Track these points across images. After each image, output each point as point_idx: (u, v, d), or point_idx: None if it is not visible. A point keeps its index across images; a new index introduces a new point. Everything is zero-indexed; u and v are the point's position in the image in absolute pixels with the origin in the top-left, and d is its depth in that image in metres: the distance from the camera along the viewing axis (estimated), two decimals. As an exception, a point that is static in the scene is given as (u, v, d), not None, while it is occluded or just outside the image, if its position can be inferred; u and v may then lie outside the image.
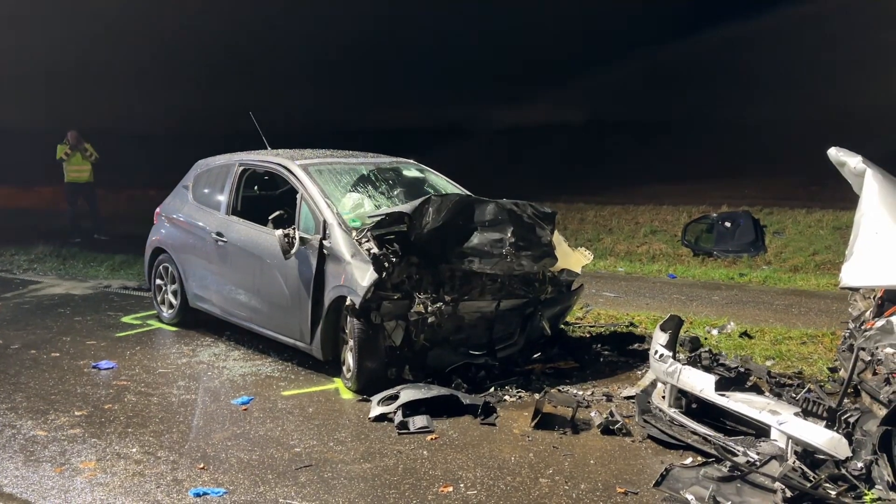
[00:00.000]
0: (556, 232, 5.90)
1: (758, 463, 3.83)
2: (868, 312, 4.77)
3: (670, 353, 4.76)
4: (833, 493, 3.52)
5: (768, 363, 5.79)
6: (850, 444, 3.76)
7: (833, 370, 5.49)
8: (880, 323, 4.15)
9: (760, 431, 4.13)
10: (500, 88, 24.59)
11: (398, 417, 4.68)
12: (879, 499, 3.45)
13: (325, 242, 5.45)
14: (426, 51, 24.78)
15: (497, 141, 21.68)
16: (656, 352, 4.81)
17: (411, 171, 6.69)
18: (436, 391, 4.91)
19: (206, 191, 7.05)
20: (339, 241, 5.38)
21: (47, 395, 5.32)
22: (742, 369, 4.87)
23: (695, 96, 22.32)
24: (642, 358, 5.94)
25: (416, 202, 5.31)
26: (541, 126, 22.94)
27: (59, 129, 13.56)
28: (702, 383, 4.42)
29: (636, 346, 6.27)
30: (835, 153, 4.76)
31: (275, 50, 25.58)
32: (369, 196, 5.99)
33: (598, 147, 20.03)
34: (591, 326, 7.00)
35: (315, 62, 26.21)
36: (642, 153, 18.95)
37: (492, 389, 5.22)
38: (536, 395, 5.01)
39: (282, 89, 25.29)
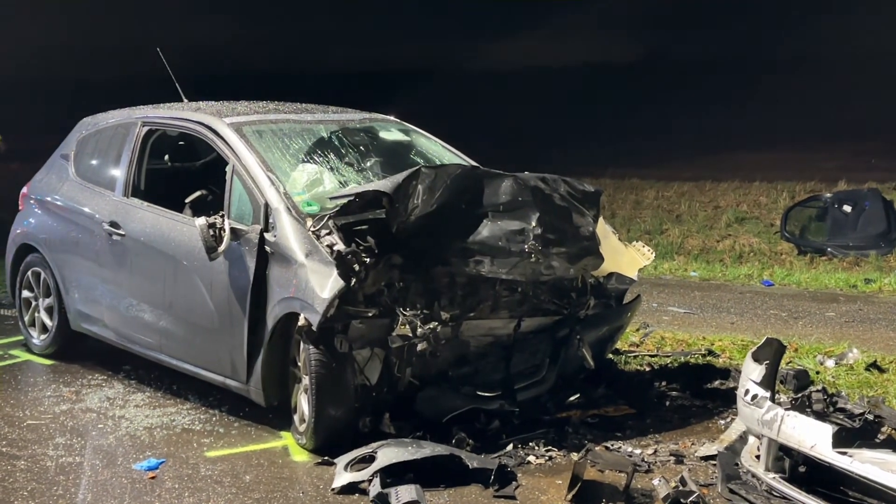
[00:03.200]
0: (601, 219, 5.91)
1: (895, 551, 3.85)
2: None
3: (767, 394, 4.77)
4: None
5: (908, 407, 5.81)
6: None
7: None
8: None
9: (898, 505, 4.14)
10: (502, 10, 24.30)
11: (375, 488, 4.67)
12: None
13: (267, 236, 5.45)
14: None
15: (505, 87, 21.52)
16: (747, 392, 4.83)
17: (391, 133, 6.71)
18: (429, 450, 4.92)
19: (94, 162, 7.05)
20: (289, 234, 5.38)
21: None
22: (870, 416, 4.90)
23: (797, 26, 22.23)
24: (726, 401, 5.96)
25: (400, 177, 5.31)
26: (571, 66, 22.74)
27: None
28: (813, 436, 4.43)
29: (717, 383, 6.29)
30: None
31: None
32: (331, 168, 6.00)
33: (658, 97, 20.00)
34: (651, 356, 7.04)
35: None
36: (722, 106, 18.93)
37: (510, 447, 5.23)
38: (574, 455, 5.01)
39: (196, 21, 25.19)
